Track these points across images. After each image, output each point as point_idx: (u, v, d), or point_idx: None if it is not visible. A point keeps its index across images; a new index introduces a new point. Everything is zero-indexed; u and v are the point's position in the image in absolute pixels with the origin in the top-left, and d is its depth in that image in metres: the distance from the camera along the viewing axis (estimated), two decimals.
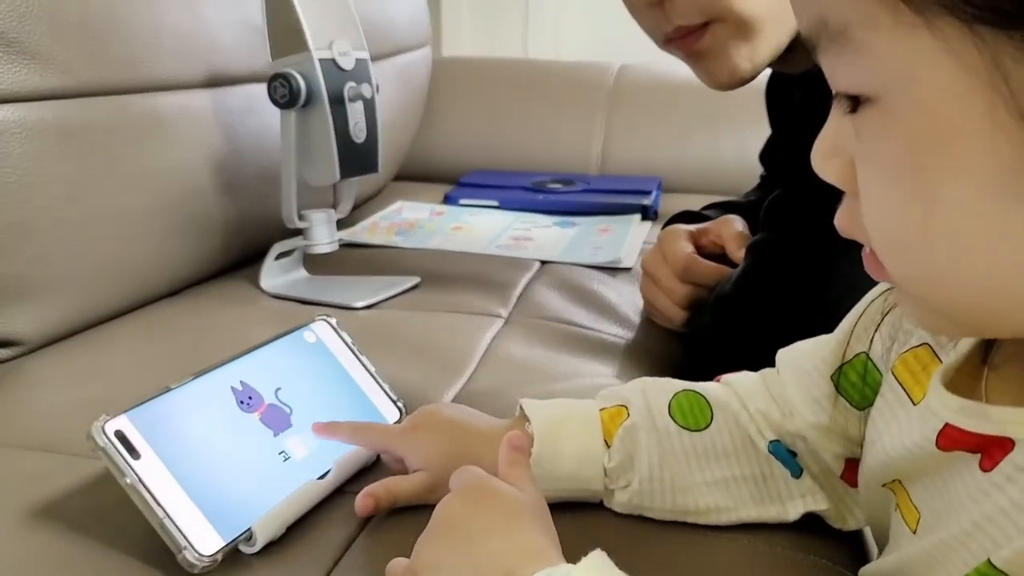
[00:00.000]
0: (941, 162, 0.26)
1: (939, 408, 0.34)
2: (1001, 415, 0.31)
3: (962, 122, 0.26)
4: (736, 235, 0.74)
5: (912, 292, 0.31)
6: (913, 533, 0.37)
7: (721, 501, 0.46)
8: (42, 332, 0.70)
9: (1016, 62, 0.24)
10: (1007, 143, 0.25)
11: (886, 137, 0.28)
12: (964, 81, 0.25)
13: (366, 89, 0.78)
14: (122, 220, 0.74)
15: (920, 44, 0.25)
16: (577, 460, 0.46)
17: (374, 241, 1.02)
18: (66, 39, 0.68)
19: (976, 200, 0.26)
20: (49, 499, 0.49)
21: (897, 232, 0.29)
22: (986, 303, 0.28)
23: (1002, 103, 0.25)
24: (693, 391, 0.48)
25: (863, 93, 0.28)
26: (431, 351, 0.70)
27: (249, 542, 0.44)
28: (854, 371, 0.43)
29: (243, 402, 0.49)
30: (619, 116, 1.38)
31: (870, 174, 0.29)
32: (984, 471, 0.31)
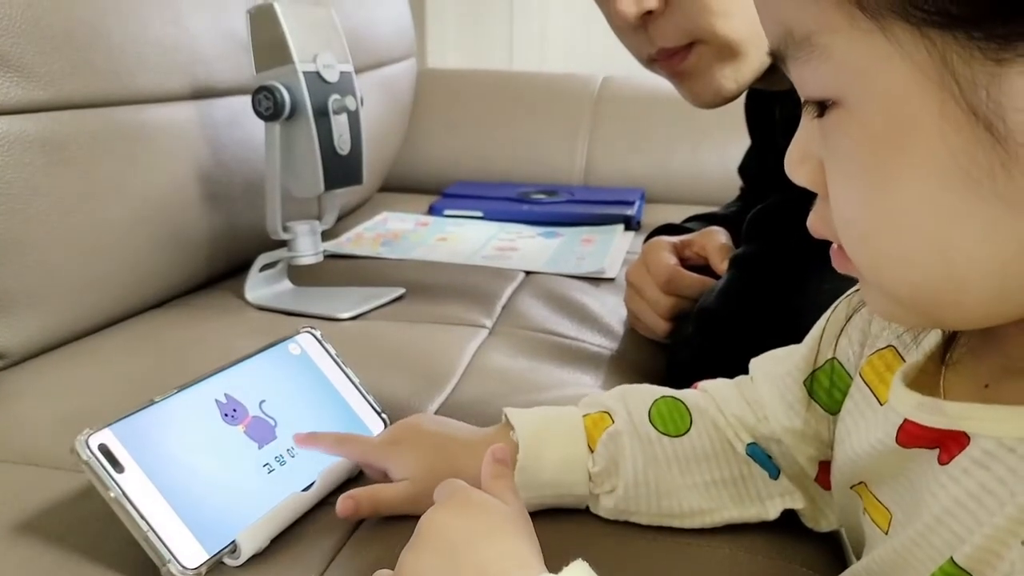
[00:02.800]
0: (899, 156, 0.28)
1: (898, 405, 0.36)
2: (955, 410, 0.33)
3: (917, 119, 0.27)
4: (719, 247, 0.75)
5: (876, 281, 0.32)
6: (885, 533, 0.38)
7: (703, 503, 0.47)
8: (25, 345, 0.70)
9: (963, 61, 0.26)
10: (958, 137, 0.27)
11: (850, 136, 0.29)
12: (917, 80, 0.27)
13: (350, 102, 0.78)
14: (106, 232, 0.74)
15: (876, 47, 0.27)
16: (562, 465, 0.47)
17: (359, 252, 1.02)
18: (51, 52, 0.68)
19: (932, 190, 0.28)
20: (32, 512, 0.49)
21: (862, 223, 0.30)
22: (939, 289, 0.30)
23: (952, 100, 0.26)
24: (672, 397, 0.49)
25: (827, 97, 0.30)
26: (416, 362, 0.70)
27: (234, 555, 0.44)
28: (825, 376, 0.45)
29: (227, 415, 0.49)
30: (602, 127, 1.39)
31: (836, 172, 0.31)
32: (942, 465, 0.33)
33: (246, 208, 0.89)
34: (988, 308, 0.30)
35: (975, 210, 0.27)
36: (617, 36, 0.63)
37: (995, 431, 0.31)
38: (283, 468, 0.49)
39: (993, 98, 0.26)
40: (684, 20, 0.58)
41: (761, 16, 0.32)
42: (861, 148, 0.29)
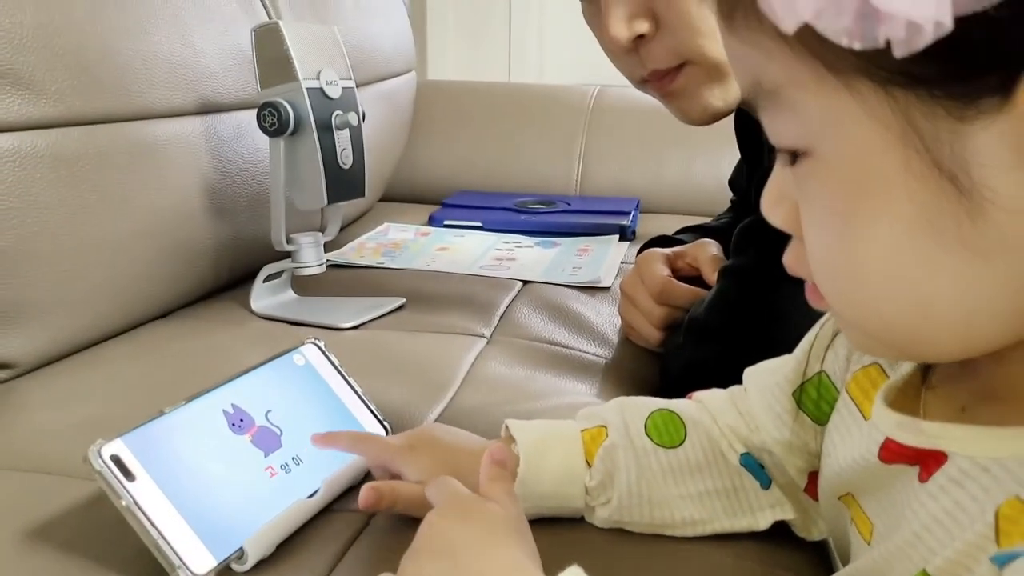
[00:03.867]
0: (868, 206, 0.29)
1: (880, 423, 0.37)
2: (933, 430, 0.34)
3: (883, 171, 0.28)
4: (711, 258, 0.77)
5: (849, 320, 0.34)
6: (868, 544, 0.39)
7: (696, 514, 0.48)
8: (34, 355, 0.71)
9: (926, 118, 0.27)
10: (923, 190, 0.28)
11: (821, 185, 0.31)
12: (882, 135, 0.28)
13: (352, 117, 0.80)
14: (114, 244, 0.76)
15: (842, 103, 0.28)
16: (560, 479, 0.49)
17: (361, 262, 1.04)
18: (60, 69, 0.70)
19: (900, 238, 0.29)
20: (44, 520, 0.50)
21: (834, 267, 0.32)
22: (912, 329, 0.31)
23: (917, 155, 0.27)
24: (668, 409, 0.51)
25: (798, 147, 0.31)
26: (416, 371, 0.72)
27: (241, 560, 0.45)
28: (813, 388, 0.46)
29: (235, 425, 0.51)
30: (598, 138, 1.41)
31: (809, 218, 0.32)
32: (921, 482, 0.34)
33: (250, 219, 0.91)
34: (960, 345, 0.31)
35: (943, 257, 0.28)
36: (609, 58, 0.65)
37: (970, 450, 0.32)
38: (288, 476, 0.51)
39: (957, 153, 0.27)
40: (674, 43, 0.60)
41: (732, 66, 0.33)
42: (832, 196, 0.30)
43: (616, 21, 0.60)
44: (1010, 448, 0.31)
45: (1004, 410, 0.32)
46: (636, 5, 0.60)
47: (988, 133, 0.26)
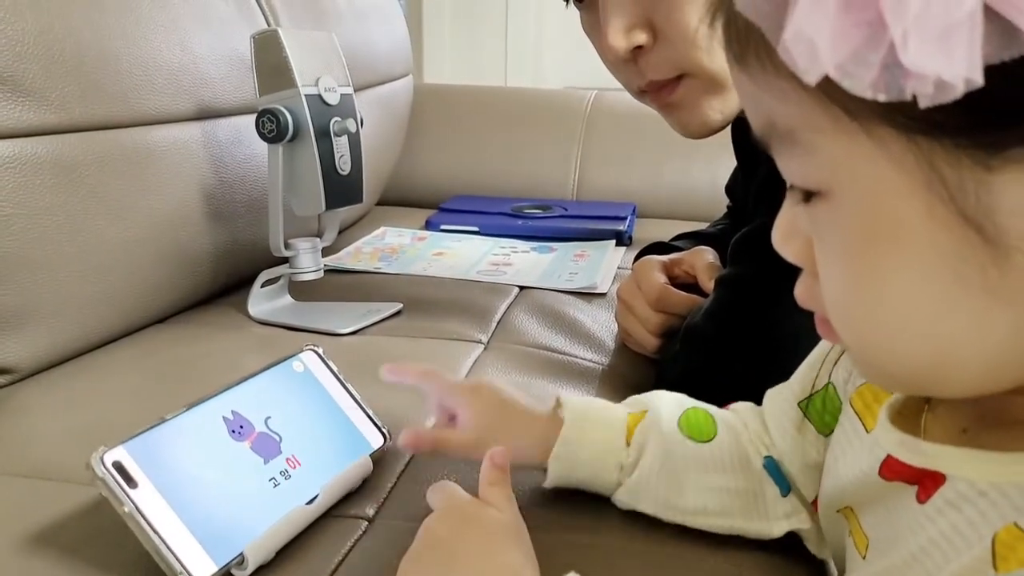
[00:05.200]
0: (887, 250, 0.29)
1: (883, 439, 0.37)
2: (933, 450, 0.34)
3: (904, 217, 0.28)
4: (707, 266, 0.78)
5: (862, 357, 0.33)
6: (863, 558, 0.39)
7: (711, 505, 0.49)
8: (34, 360, 0.72)
9: (950, 166, 0.26)
10: (948, 236, 0.27)
11: (837, 227, 0.30)
12: (904, 181, 0.27)
13: (351, 124, 0.81)
14: (114, 250, 0.76)
15: (860, 147, 0.28)
16: (600, 448, 0.50)
17: (358, 267, 1.05)
18: (61, 77, 0.70)
19: (920, 284, 0.29)
20: (45, 525, 0.50)
21: (850, 308, 0.31)
22: (929, 369, 0.31)
23: (940, 202, 0.27)
24: (703, 409, 0.52)
25: (813, 188, 0.30)
26: None
27: (241, 566, 0.46)
28: (819, 399, 0.47)
29: (234, 431, 0.52)
30: (594, 143, 1.42)
31: (825, 257, 0.31)
32: (920, 503, 0.34)
33: (248, 225, 0.92)
34: (977, 385, 0.31)
35: (964, 303, 0.28)
36: (608, 69, 0.66)
37: (969, 474, 0.32)
38: (288, 482, 0.51)
39: (983, 202, 0.26)
40: (672, 54, 0.61)
41: (744, 105, 0.33)
42: (849, 238, 0.30)
43: (615, 31, 0.60)
44: (1009, 474, 0.31)
45: (1005, 435, 0.32)
46: (635, 16, 0.60)
47: (1015, 182, 0.26)
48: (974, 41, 0.23)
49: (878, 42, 0.24)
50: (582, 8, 0.66)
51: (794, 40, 0.25)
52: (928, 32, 0.23)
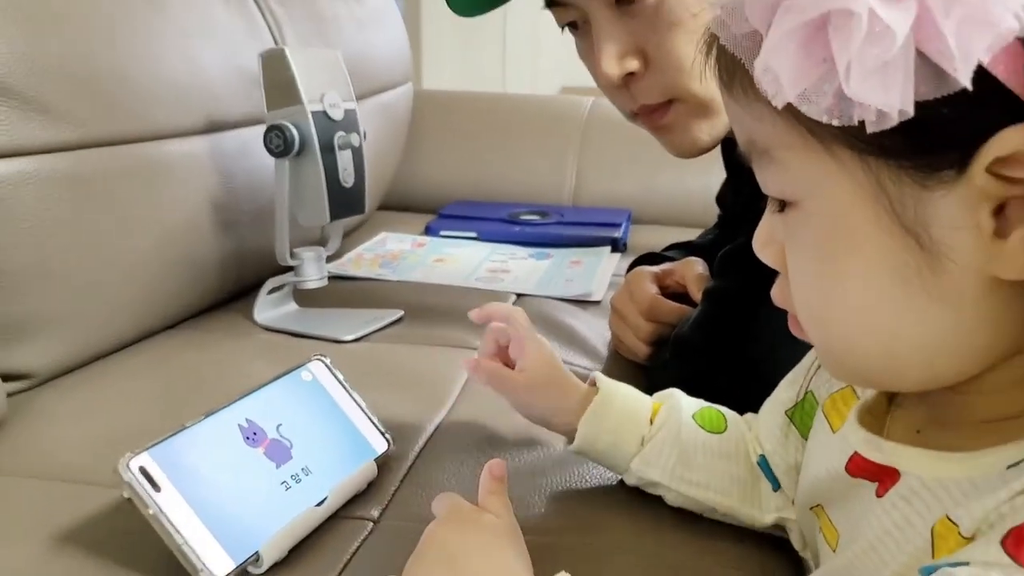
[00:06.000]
0: (846, 255, 0.33)
1: (851, 438, 0.41)
2: (891, 449, 0.38)
3: (858, 226, 0.32)
4: (696, 277, 0.81)
5: (825, 350, 0.38)
6: (833, 551, 0.43)
7: (714, 483, 0.53)
8: (52, 366, 0.75)
9: (894, 183, 0.31)
10: (892, 243, 0.32)
11: (804, 233, 0.35)
12: (858, 195, 0.32)
13: (354, 138, 0.84)
14: (126, 260, 0.80)
15: (824, 165, 0.32)
16: (623, 420, 0.55)
17: (360, 273, 1.08)
18: (77, 95, 0.74)
19: (871, 284, 0.33)
20: (71, 526, 0.54)
21: (813, 305, 0.36)
22: (879, 362, 0.35)
23: (886, 213, 0.32)
24: (717, 409, 0.57)
25: (786, 199, 0.35)
26: (414, 383, 0.75)
27: (256, 564, 0.49)
28: (802, 407, 0.51)
29: (249, 438, 0.55)
30: (591, 150, 1.45)
31: (795, 260, 0.36)
32: (878, 497, 0.38)
33: (254, 233, 0.95)
34: (922, 379, 0.36)
35: (909, 303, 0.33)
36: (603, 92, 0.69)
37: (919, 470, 0.36)
38: (299, 485, 0.55)
39: (919, 215, 0.31)
40: (663, 80, 0.64)
41: (731, 123, 0.37)
42: (814, 243, 0.35)
43: (608, 59, 0.63)
44: (951, 471, 0.35)
45: (951, 436, 0.36)
46: (627, 44, 0.64)
47: (946, 200, 0.30)
48: (908, 79, 0.27)
49: (831, 75, 0.28)
50: (576, 34, 0.69)
51: (762, 72, 0.30)
52: (867, 68, 0.27)
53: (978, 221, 0.30)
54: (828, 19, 0.28)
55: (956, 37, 0.27)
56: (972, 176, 0.29)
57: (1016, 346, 0.33)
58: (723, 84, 0.36)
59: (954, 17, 0.27)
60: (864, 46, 0.27)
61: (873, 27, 0.27)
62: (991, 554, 0.29)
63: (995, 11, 0.26)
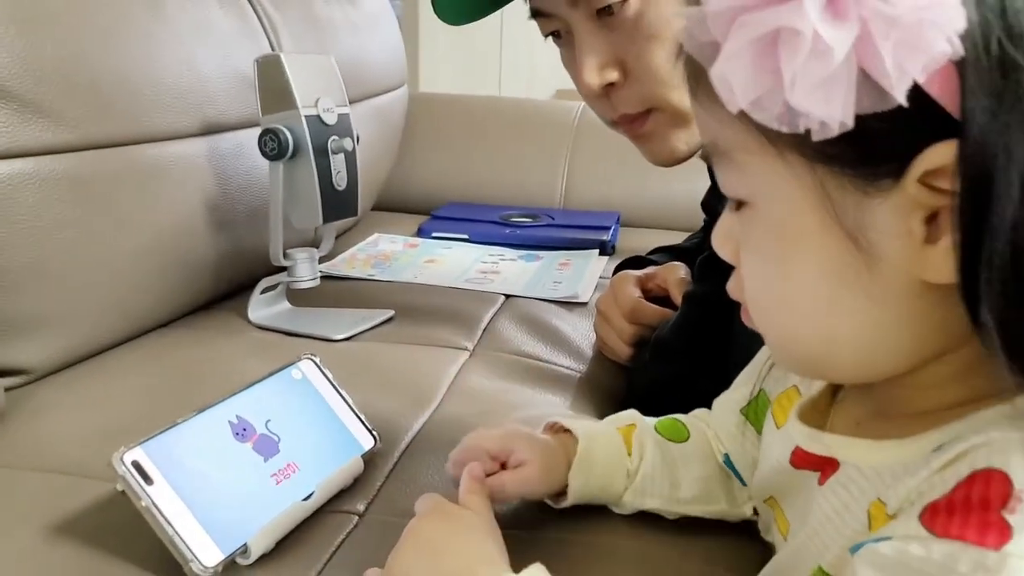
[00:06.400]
0: (792, 254, 0.36)
1: (794, 433, 0.44)
2: (831, 441, 0.41)
3: (804, 226, 0.35)
4: (678, 281, 0.84)
5: (771, 340, 0.40)
6: (785, 540, 0.46)
7: (701, 493, 0.55)
8: (49, 362, 0.77)
9: (836, 188, 0.33)
10: (833, 244, 0.34)
11: (756, 231, 0.37)
12: (805, 198, 0.34)
13: (348, 143, 0.86)
14: (123, 259, 0.81)
15: (777, 169, 0.35)
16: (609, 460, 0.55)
17: (352, 274, 1.10)
18: (77, 98, 0.75)
19: (813, 280, 0.36)
20: (67, 517, 0.55)
21: (761, 298, 0.39)
22: (819, 353, 0.38)
23: (829, 216, 0.34)
24: (671, 418, 0.58)
25: (742, 198, 0.38)
26: (402, 382, 0.77)
27: (245, 555, 0.51)
28: (756, 404, 0.53)
29: (238, 433, 0.57)
30: (582, 154, 1.47)
31: (746, 256, 0.39)
32: (820, 485, 0.41)
33: (249, 233, 0.97)
34: (859, 371, 0.38)
35: (847, 300, 0.35)
36: (584, 100, 0.71)
37: (856, 459, 0.39)
38: (286, 480, 0.57)
39: (858, 219, 0.33)
40: (641, 91, 0.66)
41: (697, 126, 0.40)
42: (764, 241, 0.37)
43: (588, 70, 0.66)
44: (884, 457, 0.37)
45: (888, 426, 0.39)
46: (607, 55, 0.66)
47: (883, 206, 0.33)
48: (849, 93, 0.30)
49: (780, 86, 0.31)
50: (560, 44, 0.71)
51: (718, 80, 0.32)
52: (810, 81, 0.30)
53: (910, 227, 0.33)
54: (778, 35, 0.30)
55: (892, 57, 0.29)
56: (906, 186, 0.32)
57: (947, 344, 0.36)
58: (690, 89, 0.38)
59: (891, 39, 0.29)
60: (808, 61, 0.29)
61: (816, 45, 0.29)
62: (911, 528, 0.31)
63: (929, 35, 0.29)
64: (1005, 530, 0.29)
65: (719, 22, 0.32)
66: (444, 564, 0.45)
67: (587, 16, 0.65)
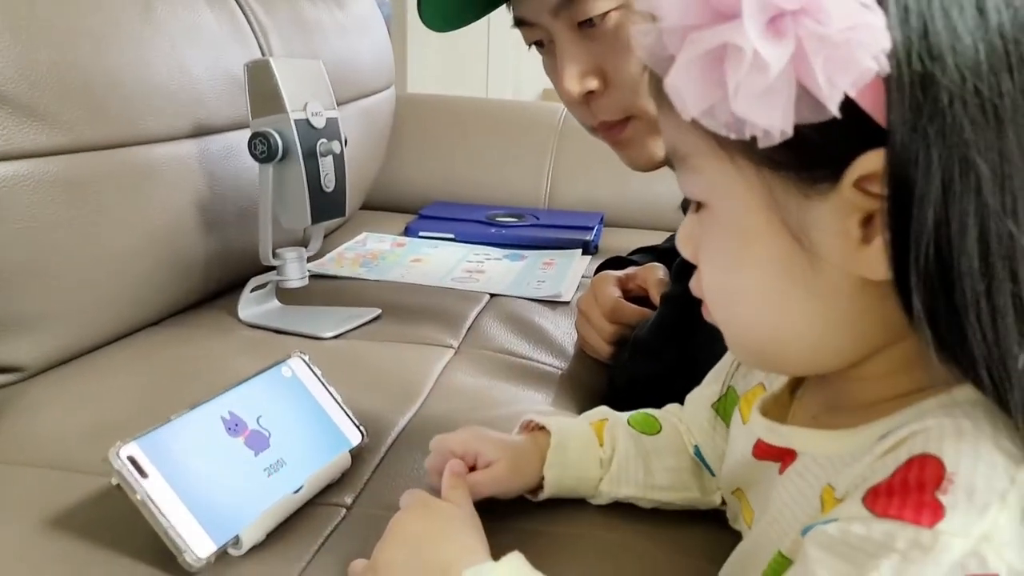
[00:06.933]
0: (743, 252, 0.39)
1: (755, 427, 0.47)
2: (789, 432, 0.44)
3: (754, 226, 0.38)
4: (657, 282, 0.86)
5: (727, 334, 0.43)
6: (750, 529, 0.49)
7: (675, 482, 0.57)
8: (42, 359, 0.78)
9: (782, 191, 0.36)
10: (779, 244, 0.37)
11: (712, 231, 0.40)
12: (754, 200, 0.37)
13: (336, 145, 0.88)
14: (116, 259, 0.83)
15: (729, 173, 0.37)
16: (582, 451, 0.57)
17: (340, 273, 1.12)
18: (71, 101, 0.77)
19: (763, 277, 0.38)
20: (62, 511, 0.57)
21: (717, 294, 0.41)
22: (770, 345, 0.41)
23: (775, 218, 0.37)
24: (643, 412, 0.61)
25: (699, 200, 0.40)
26: (389, 379, 0.79)
27: (236, 546, 0.53)
28: (726, 400, 0.56)
29: (231, 429, 0.59)
30: (566, 154, 1.50)
31: (703, 254, 0.42)
32: (780, 475, 0.43)
33: (239, 233, 0.98)
34: (807, 363, 0.41)
35: (794, 296, 0.38)
36: (566, 107, 0.74)
37: (811, 449, 0.42)
38: (276, 474, 0.59)
39: (801, 220, 0.36)
40: (621, 99, 0.69)
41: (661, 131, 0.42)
42: (719, 240, 0.40)
43: (570, 78, 0.68)
44: (837, 447, 0.40)
45: (840, 418, 0.41)
46: (588, 64, 0.68)
47: (823, 208, 0.35)
48: (789, 104, 0.32)
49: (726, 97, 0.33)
50: (543, 53, 0.73)
51: (671, 91, 0.35)
52: (752, 93, 0.32)
53: (847, 228, 0.35)
54: (724, 50, 0.33)
55: (824, 73, 0.31)
56: (842, 189, 0.35)
57: (888, 338, 0.38)
58: (654, 97, 0.40)
59: (823, 56, 0.31)
60: (748, 74, 0.32)
61: (755, 60, 0.32)
62: (854, 510, 0.34)
63: (856, 54, 0.31)
64: (938, 510, 0.32)
65: (673, 38, 0.34)
66: (427, 555, 0.47)
67: (568, 26, 0.67)
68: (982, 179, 0.32)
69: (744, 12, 0.32)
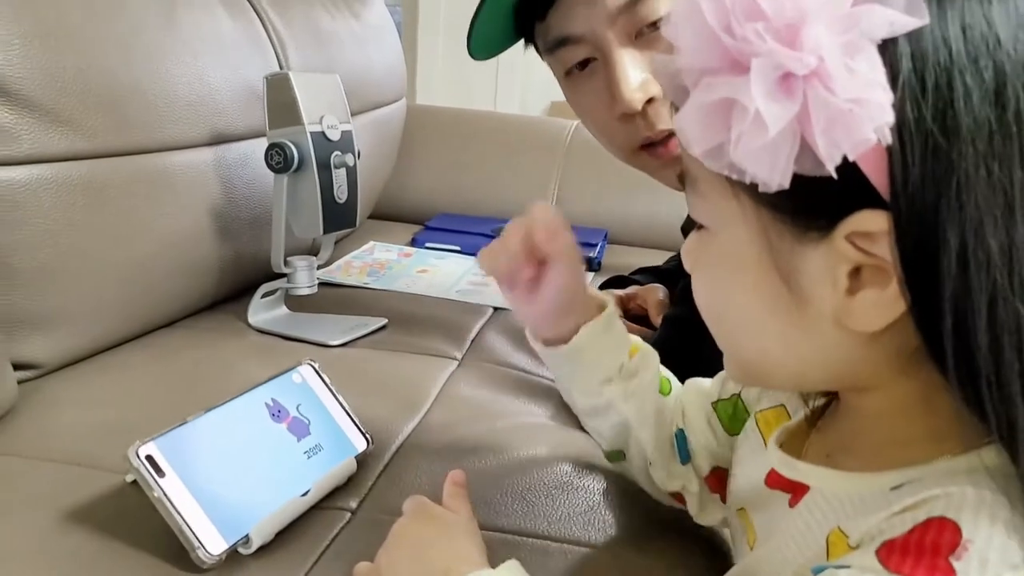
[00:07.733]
0: (735, 279, 0.41)
1: (770, 457, 0.48)
2: (803, 468, 0.45)
3: (745, 258, 0.39)
4: (657, 303, 0.88)
5: (721, 348, 0.45)
6: (751, 550, 0.50)
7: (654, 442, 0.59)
8: (59, 357, 0.81)
9: (775, 233, 0.38)
10: (768, 279, 0.39)
11: (708, 252, 0.42)
12: (749, 235, 0.39)
13: (349, 158, 0.90)
14: (133, 262, 0.86)
15: (731, 204, 0.39)
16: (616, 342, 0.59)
17: (348, 281, 1.14)
18: (94, 108, 0.79)
19: (750, 305, 0.40)
20: (78, 506, 0.59)
21: (709, 311, 0.44)
22: (756, 365, 0.43)
23: (767, 256, 0.38)
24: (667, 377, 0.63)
25: (702, 222, 0.42)
26: (394, 388, 0.81)
27: (246, 545, 0.55)
28: (729, 404, 0.58)
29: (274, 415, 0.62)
30: (572, 171, 1.52)
31: (699, 271, 0.44)
32: (790, 507, 0.45)
33: (251, 240, 1.01)
34: (792, 384, 0.44)
35: (779, 327, 0.40)
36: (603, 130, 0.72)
37: (824, 487, 0.43)
38: (284, 478, 0.61)
39: (791, 263, 0.38)
40: None
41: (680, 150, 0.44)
42: (713, 263, 0.42)
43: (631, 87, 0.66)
44: (847, 488, 0.41)
45: (852, 460, 0.43)
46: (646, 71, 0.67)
47: (813, 255, 0.37)
48: (789, 158, 0.34)
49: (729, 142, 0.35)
50: (581, 75, 0.71)
51: (678, 126, 0.37)
52: (751, 144, 0.34)
53: (836, 278, 0.37)
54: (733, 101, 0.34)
55: (825, 135, 0.33)
56: (834, 241, 0.36)
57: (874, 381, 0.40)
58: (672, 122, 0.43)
59: (825, 119, 0.33)
60: (750, 129, 0.34)
61: (756, 118, 0.33)
62: (867, 561, 0.35)
63: (857, 123, 0.33)
64: (950, 573, 0.33)
65: (689, 76, 0.36)
66: (427, 561, 0.49)
67: (625, 34, 0.66)
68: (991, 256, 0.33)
69: (753, 69, 0.33)
